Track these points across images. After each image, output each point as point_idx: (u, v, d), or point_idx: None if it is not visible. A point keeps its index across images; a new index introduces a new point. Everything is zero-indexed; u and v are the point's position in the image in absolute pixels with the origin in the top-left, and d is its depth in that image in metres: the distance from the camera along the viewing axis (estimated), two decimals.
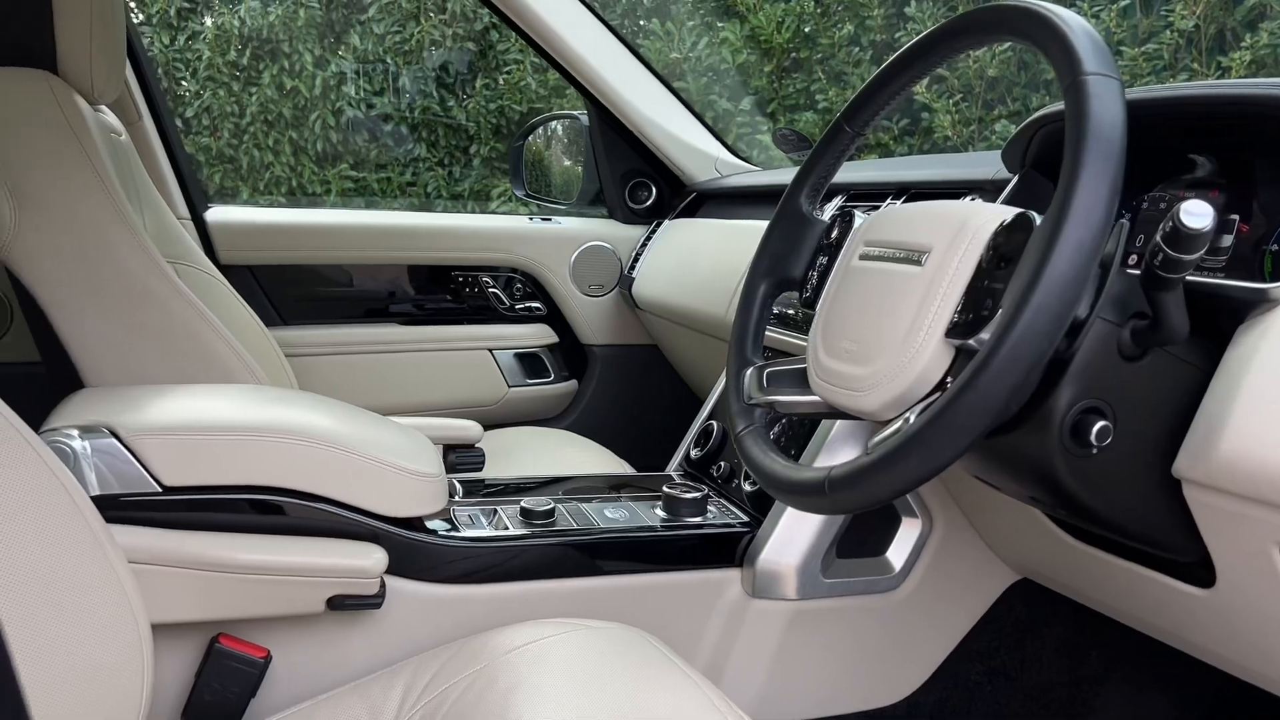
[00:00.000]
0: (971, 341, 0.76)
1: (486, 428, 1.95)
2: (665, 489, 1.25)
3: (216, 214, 1.92)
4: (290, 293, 1.95)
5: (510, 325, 2.08)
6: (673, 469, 1.48)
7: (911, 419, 0.77)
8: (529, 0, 1.81)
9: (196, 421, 1.04)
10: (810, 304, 0.99)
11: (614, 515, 1.22)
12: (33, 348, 1.36)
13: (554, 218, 2.15)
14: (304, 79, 5.39)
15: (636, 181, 2.10)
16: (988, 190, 1.16)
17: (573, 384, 2.13)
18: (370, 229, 1.99)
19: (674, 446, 1.56)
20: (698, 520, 1.23)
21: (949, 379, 0.78)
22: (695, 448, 1.44)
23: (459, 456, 1.40)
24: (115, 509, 0.98)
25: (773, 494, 0.89)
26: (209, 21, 5.48)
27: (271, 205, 5.43)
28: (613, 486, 1.36)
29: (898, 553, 1.25)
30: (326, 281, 1.98)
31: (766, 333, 1.07)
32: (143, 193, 1.53)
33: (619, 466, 1.66)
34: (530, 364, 2.08)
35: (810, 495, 0.82)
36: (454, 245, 2.03)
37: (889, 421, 0.80)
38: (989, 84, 4.13)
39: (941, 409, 0.71)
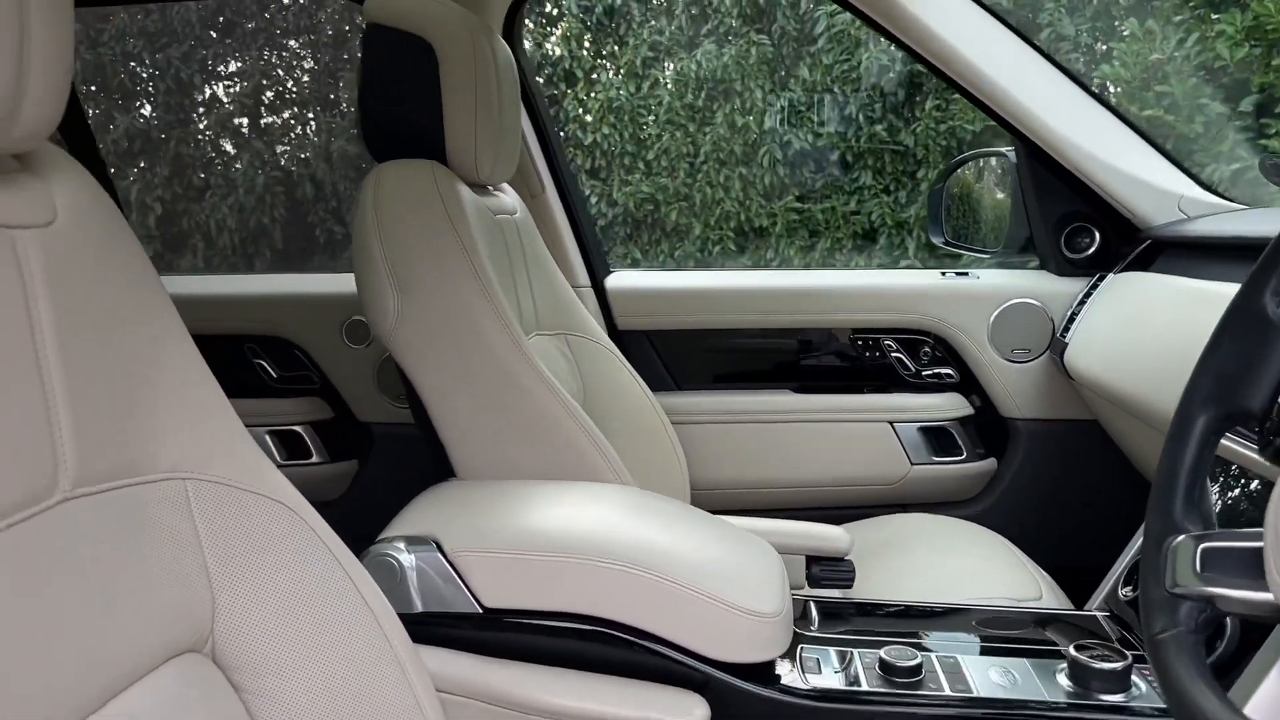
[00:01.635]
0: None
1: (884, 509, 1.75)
2: (1072, 650, 0.98)
3: (616, 280, 1.92)
4: (684, 358, 1.90)
5: (916, 394, 1.85)
6: (1096, 605, 1.18)
7: None
8: (935, 29, 1.58)
9: (521, 538, 0.98)
10: (1273, 451, 0.69)
11: (1000, 679, 0.97)
12: None
13: (970, 272, 1.88)
14: (754, 115, 5.52)
15: (1075, 226, 1.77)
16: None
17: (990, 463, 1.84)
18: (766, 292, 1.88)
19: (1116, 551, 1.25)
20: (1116, 699, 0.94)
21: None
22: (1126, 585, 1.13)
23: (823, 570, 1.22)
24: (436, 626, 0.95)
25: None
26: (670, 68, 5.80)
27: (722, 240, 5.61)
28: (1009, 624, 1.10)
29: None
30: (720, 346, 1.90)
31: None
32: (532, 268, 1.54)
33: (1032, 580, 1.37)
34: (938, 439, 1.83)
35: None
36: (855, 306, 1.85)
37: None
38: None
39: None
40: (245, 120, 6.85)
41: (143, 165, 7.22)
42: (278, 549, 0.81)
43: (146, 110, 7.18)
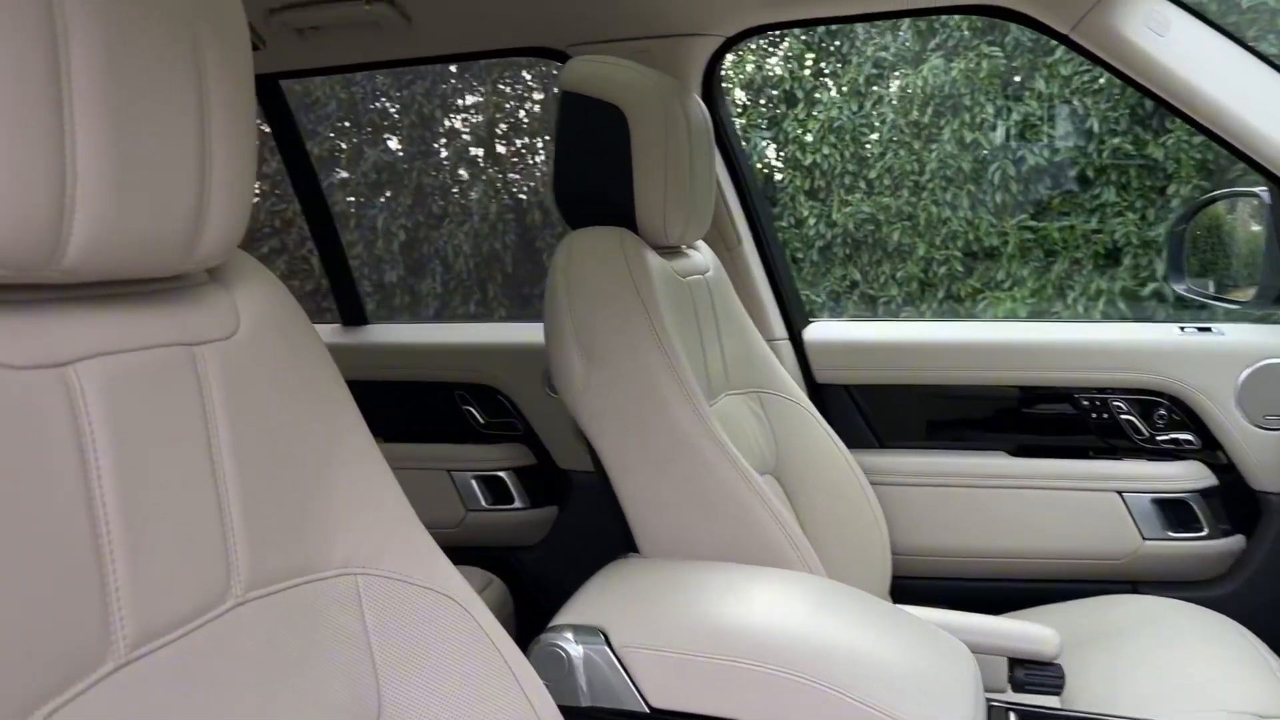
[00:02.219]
0: None
1: (1108, 588, 1.60)
2: None
3: (815, 331, 1.86)
4: (888, 414, 1.81)
5: (1150, 462, 1.68)
6: None
7: None
8: (1169, 64, 1.43)
9: (692, 637, 0.96)
10: None
11: None
12: None
13: (1215, 326, 1.69)
14: (983, 131, 5.28)
15: None
16: None
17: (1236, 541, 1.64)
18: (980, 345, 1.77)
19: None
20: None
21: None
22: None
23: (1028, 674, 1.12)
24: None
25: None
26: (894, 85, 5.66)
27: (948, 261, 5.38)
28: None
29: None
30: (926, 403, 1.80)
31: None
32: (723, 326, 1.52)
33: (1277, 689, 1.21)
34: (1174, 512, 1.65)
35: None
36: (1080, 363, 1.70)
37: None
38: None
39: None
40: (480, 150, 7.24)
41: (389, 195, 7.77)
42: (443, 644, 0.82)
43: (393, 143, 7.72)
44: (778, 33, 5.99)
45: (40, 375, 0.57)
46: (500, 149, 7.20)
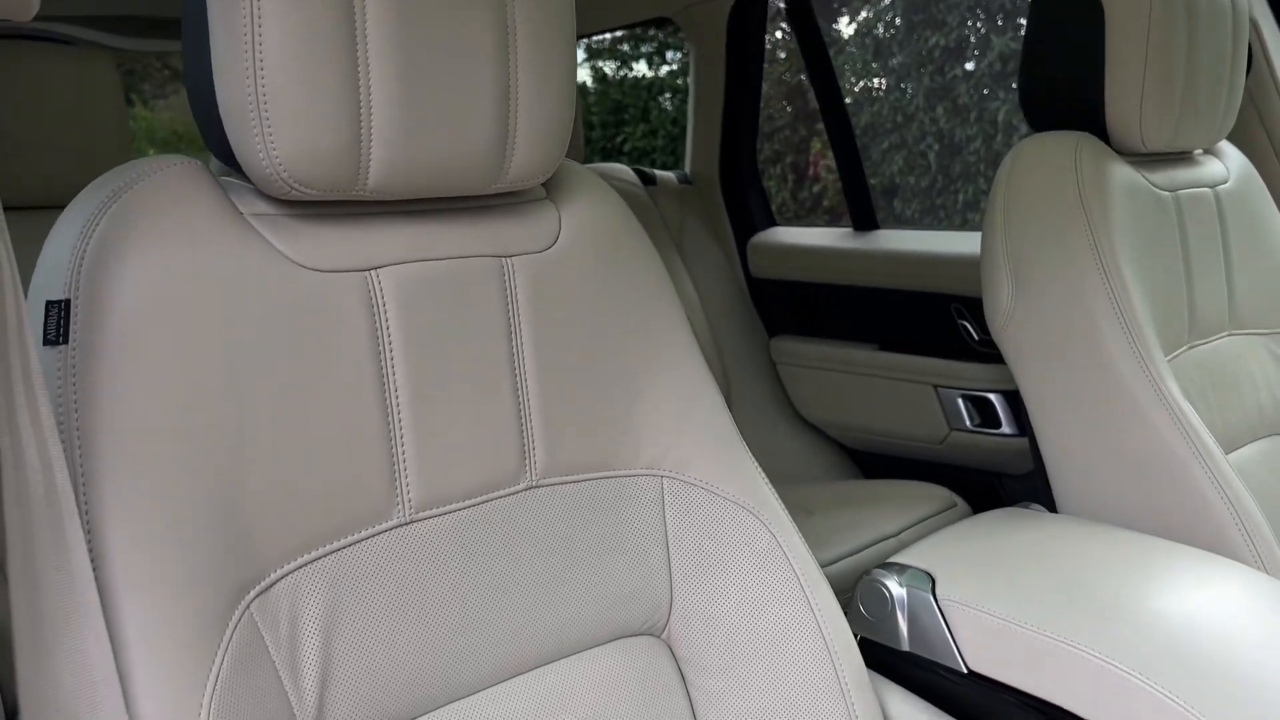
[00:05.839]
0: None
1: None
2: None
3: None
4: None
5: None
6: None
7: None
8: None
9: (1019, 600, 0.85)
10: None
11: None
12: None
13: None
14: None
15: None
16: None
17: None
18: None
19: None
20: None
21: None
22: None
23: None
24: (919, 669, 0.89)
25: None
26: None
27: None
28: None
29: None
30: None
31: None
32: (1237, 250, 1.24)
33: None
34: None
35: None
36: None
37: None
38: None
39: None
40: None
41: (1014, 87, 7.38)
42: (742, 560, 0.84)
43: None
44: None
45: (343, 277, 0.71)
46: None
